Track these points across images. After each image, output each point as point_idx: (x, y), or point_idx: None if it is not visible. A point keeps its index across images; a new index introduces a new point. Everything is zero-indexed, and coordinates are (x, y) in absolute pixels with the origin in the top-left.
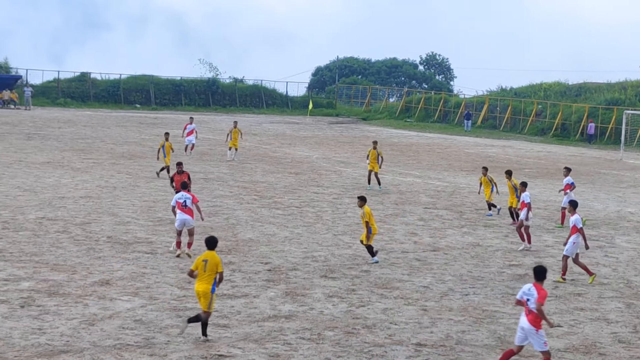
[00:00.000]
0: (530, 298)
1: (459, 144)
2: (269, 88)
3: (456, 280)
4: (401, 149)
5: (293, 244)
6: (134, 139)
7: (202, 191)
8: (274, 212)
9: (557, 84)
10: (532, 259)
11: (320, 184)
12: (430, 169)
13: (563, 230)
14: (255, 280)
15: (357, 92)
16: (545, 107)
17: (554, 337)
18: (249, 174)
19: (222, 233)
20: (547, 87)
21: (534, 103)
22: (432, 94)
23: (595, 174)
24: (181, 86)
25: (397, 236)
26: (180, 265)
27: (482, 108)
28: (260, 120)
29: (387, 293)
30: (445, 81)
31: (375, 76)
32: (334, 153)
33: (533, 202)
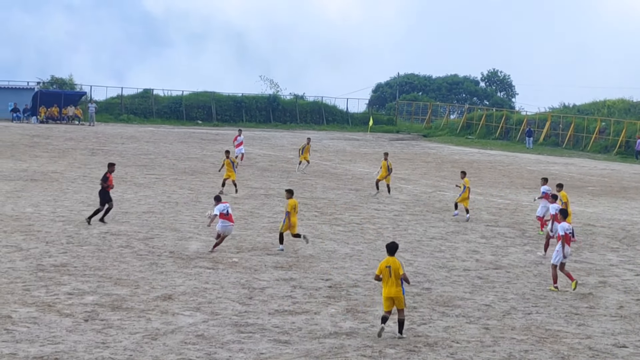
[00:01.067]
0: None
1: (520, 162)
2: (329, 104)
3: (519, 299)
4: (462, 166)
5: (354, 260)
6: (196, 154)
7: (263, 207)
8: (334, 228)
9: (621, 101)
10: (596, 278)
11: (381, 201)
12: (492, 187)
13: (628, 250)
14: (316, 297)
15: (418, 108)
16: (608, 124)
17: (619, 358)
18: (310, 190)
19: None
20: (610, 104)
21: (597, 120)
22: (494, 110)
23: None
24: (242, 102)
25: (458, 254)
26: (241, 280)
27: (544, 125)
28: (321, 136)
29: (449, 311)
30: (506, 98)
31: (435, 93)
32: (394, 170)
33: (597, 221)
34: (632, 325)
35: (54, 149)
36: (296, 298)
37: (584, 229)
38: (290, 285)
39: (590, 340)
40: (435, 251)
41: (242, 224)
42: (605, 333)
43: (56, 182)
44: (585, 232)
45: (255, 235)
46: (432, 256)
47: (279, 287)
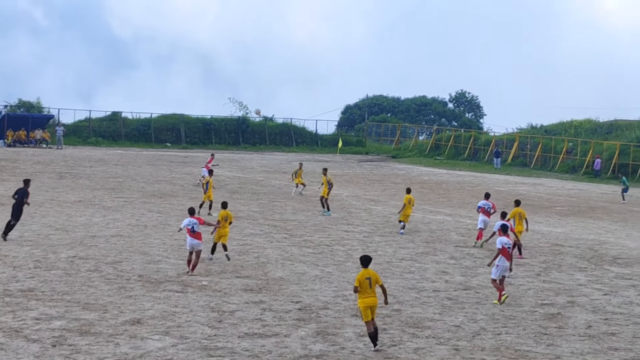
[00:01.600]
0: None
1: (489, 182)
2: (298, 126)
3: (488, 320)
4: (431, 187)
5: (324, 282)
6: (165, 177)
7: (232, 229)
8: (304, 250)
9: (587, 121)
10: (565, 298)
11: (351, 222)
12: (460, 207)
13: (596, 269)
14: (285, 320)
15: (387, 130)
16: (575, 144)
17: None
18: (279, 212)
19: (252, 272)
20: (577, 125)
21: (565, 140)
22: (462, 131)
23: (627, 212)
24: (211, 125)
25: (428, 275)
26: (210, 304)
27: (512, 146)
28: (290, 158)
29: (419, 332)
30: (475, 119)
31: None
32: (363, 191)
33: (565, 241)
34: (601, 344)
35: (22, 172)
36: (266, 321)
37: (552, 249)
38: (260, 308)
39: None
40: (404, 272)
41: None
42: (574, 353)
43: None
44: (554, 252)
45: (224, 258)
46: (401, 277)
47: (249, 310)
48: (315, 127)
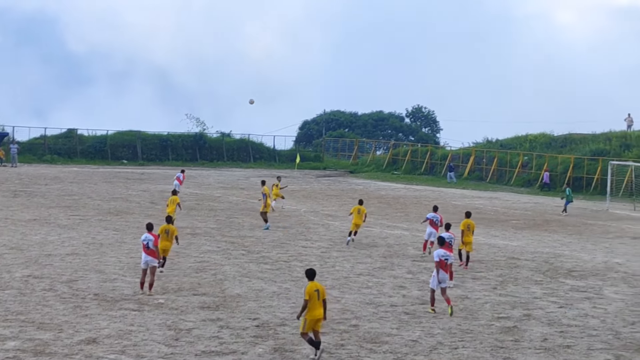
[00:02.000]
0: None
1: (446, 196)
2: (256, 142)
3: (445, 334)
4: (389, 202)
5: (281, 299)
6: (121, 194)
7: (189, 247)
8: (262, 267)
9: (542, 135)
10: (521, 311)
11: (309, 238)
12: (418, 222)
13: (551, 282)
14: (243, 337)
15: (344, 145)
16: (531, 158)
17: None
18: (237, 228)
19: (210, 289)
20: (532, 139)
21: (520, 154)
22: (419, 146)
23: (581, 225)
24: (168, 141)
25: (385, 290)
26: (167, 322)
27: (468, 160)
28: (248, 174)
29: (376, 347)
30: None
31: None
32: (321, 206)
33: (521, 254)
34: (556, 357)
35: None
36: (223, 338)
37: (508, 263)
38: (217, 326)
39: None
40: (362, 287)
41: (168, 264)
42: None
43: None
44: (510, 265)
45: (181, 275)
46: (359, 292)
47: (206, 327)
48: (273, 143)
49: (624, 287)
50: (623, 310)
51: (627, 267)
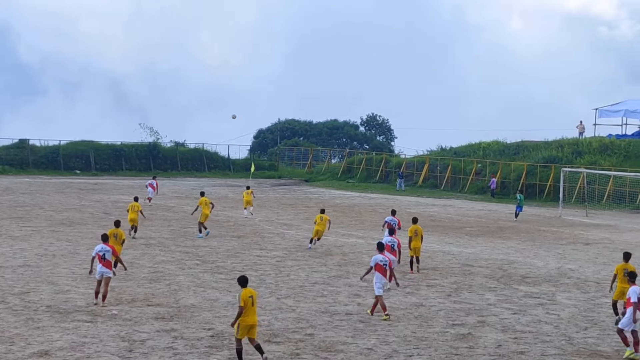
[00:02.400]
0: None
1: (400, 204)
2: (210, 151)
3: (400, 342)
4: (344, 210)
5: (236, 308)
6: (74, 205)
7: (143, 257)
8: (216, 276)
9: (495, 142)
10: (475, 318)
11: (264, 247)
12: (372, 230)
13: (505, 289)
14: (197, 347)
15: (299, 153)
16: (484, 165)
17: None
18: (191, 238)
19: (164, 299)
20: (485, 146)
21: (474, 162)
22: (373, 154)
23: (535, 232)
24: (122, 151)
25: (341, 298)
26: (121, 333)
27: (422, 168)
28: (202, 183)
29: (331, 356)
30: (386, 142)
31: (316, 138)
32: (276, 215)
33: (475, 261)
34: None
35: None
36: (177, 349)
37: (462, 270)
38: (171, 336)
39: None
40: (317, 296)
41: (122, 275)
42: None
43: None
44: (464, 272)
45: (135, 286)
46: (314, 301)
47: (160, 338)
48: (227, 152)
49: (576, 293)
50: (576, 315)
51: (579, 273)
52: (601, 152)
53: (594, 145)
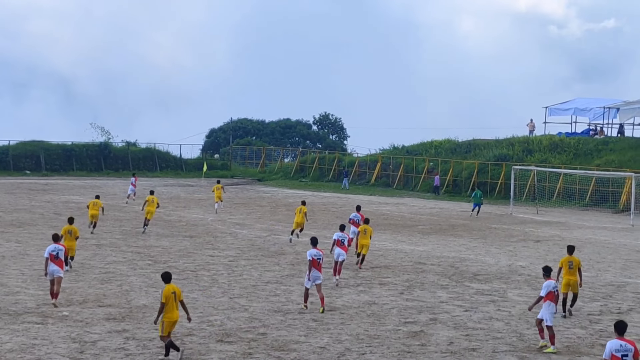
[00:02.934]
0: (629, 353)
1: (353, 203)
2: (162, 151)
3: (353, 340)
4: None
5: (188, 309)
6: (24, 206)
7: (94, 257)
8: None
9: (447, 141)
10: (427, 315)
11: (216, 247)
12: (325, 229)
13: (457, 286)
14: (149, 348)
15: (252, 153)
16: (436, 164)
17: None
18: (143, 238)
19: (115, 300)
20: (437, 145)
21: (426, 160)
22: (326, 153)
23: (486, 229)
24: (72, 151)
25: (293, 297)
26: (72, 334)
27: (375, 166)
28: (154, 183)
29: (284, 355)
30: (338, 140)
31: (269, 137)
32: (229, 215)
33: (427, 259)
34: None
35: None
36: (129, 350)
37: (415, 268)
38: (123, 337)
39: None
40: (270, 295)
41: (73, 276)
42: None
43: None
44: (416, 270)
45: (86, 287)
46: (267, 300)
47: (112, 339)
48: (179, 152)
49: (527, 290)
50: (527, 312)
51: (530, 270)
52: (551, 150)
53: (544, 144)
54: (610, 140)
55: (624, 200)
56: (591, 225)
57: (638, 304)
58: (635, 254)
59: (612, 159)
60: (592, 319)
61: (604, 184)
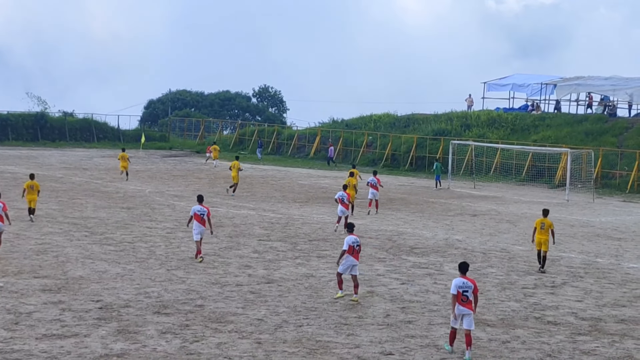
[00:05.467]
0: (469, 289)
1: (292, 176)
2: (99, 122)
3: (290, 312)
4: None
5: (125, 280)
6: None
7: (30, 228)
8: (105, 248)
9: (386, 115)
10: (364, 288)
11: (154, 219)
12: (264, 201)
13: (394, 259)
14: (86, 319)
15: (191, 124)
16: (375, 138)
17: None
18: (80, 209)
19: (51, 271)
20: (377, 119)
21: (365, 134)
22: (266, 126)
23: (424, 203)
24: (7, 120)
25: (231, 269)
26: (6, 306)
27: (314, 140)
28: (92, 154)
29: (222, 327)
30: (278, 114)
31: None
32: (167, 187)
33: (365, 232)
34: (398, 332)
35: None
36: (65, 321)
37: None
38: (59, 309)
39: (358, 350)
40: (208, 267)
41: (8, 247)
42: (373, 342)
43: None
44: None
45: (22, 258)
46: (204, 272)
47: (47, 310)
48: (117, 122)
49: None
50: None
51: (466, 243)
52: (489, 125)
53: (482, 119)
54: (547, 117)
55: (559, 176)
56: (527, 200)
57: (571, 278)
58: (569, 229)
59: (548, 135)
60: (527, 293)
61: (541, 159)
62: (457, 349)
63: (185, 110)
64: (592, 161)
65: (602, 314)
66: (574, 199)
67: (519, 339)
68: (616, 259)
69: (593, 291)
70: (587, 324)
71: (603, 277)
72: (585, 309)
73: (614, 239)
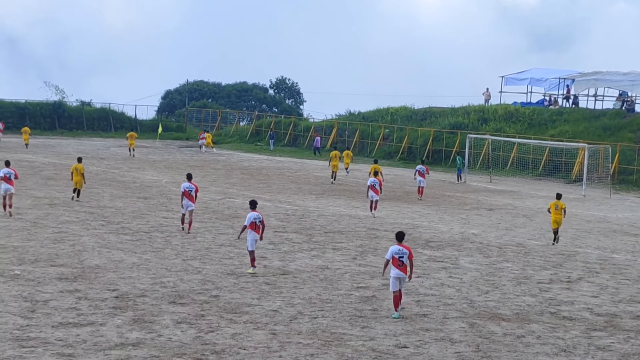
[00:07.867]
0: (404, 255)
1: (308, 168)
2: (117, 111)
3: (305, 304)
4: (251, 173)
5: (141, 270)
6: None
7: (47, 217)
8: (121, 237)
9: (403, 108)
10: (379, 281)
11: (170, 209)
12: (280, 193)
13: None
14: (101, 308)
15: (207, 115)
16: (392, 131)
17: (401, 358)
18: (96, 199)
19: (68, 260)
20: (393, 112)
21: (381, 127)
22: (282, 117)
23: (440, 197)
24: (26, 109)
25: (246, 260)
26: (23, 293)
27: (331, 132)
28: (108, 144)
29: (237, 318)
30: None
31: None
32: (183, 177)
33: (381, 225)
34: (413, 325)
35: None
36: (81, 310)
37: (368, 233)
38: (75, 297)
39: (373, 342)
40: (224, 258)
41: (25, 235)
42: (387, 334)
43: None
44: (370, 236)
45: (38, 246)
46: (220, 263)
47: (63, 299)
48: (134, 112)
49: (479, 257)
50: (477, 279)
51: (482, 237)
52: (506, 119)
53: (499, 113)
54: (564, 111)
55: (576, 171)
56: (543, 195)
57: (587, 273)
58: (586, 224)
59: (565, 130)
60: (542, 287)
61: (557, 154)
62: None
63: (203, 101)
64: (609, 157)
65: (617, 310)
66: (590, 194)
67: (534, 334)
68: (632, 255)
69: (609, 287)
70: (603, 319)
71: (619, 273)
72: (600, 304)
73: (630, 235)
